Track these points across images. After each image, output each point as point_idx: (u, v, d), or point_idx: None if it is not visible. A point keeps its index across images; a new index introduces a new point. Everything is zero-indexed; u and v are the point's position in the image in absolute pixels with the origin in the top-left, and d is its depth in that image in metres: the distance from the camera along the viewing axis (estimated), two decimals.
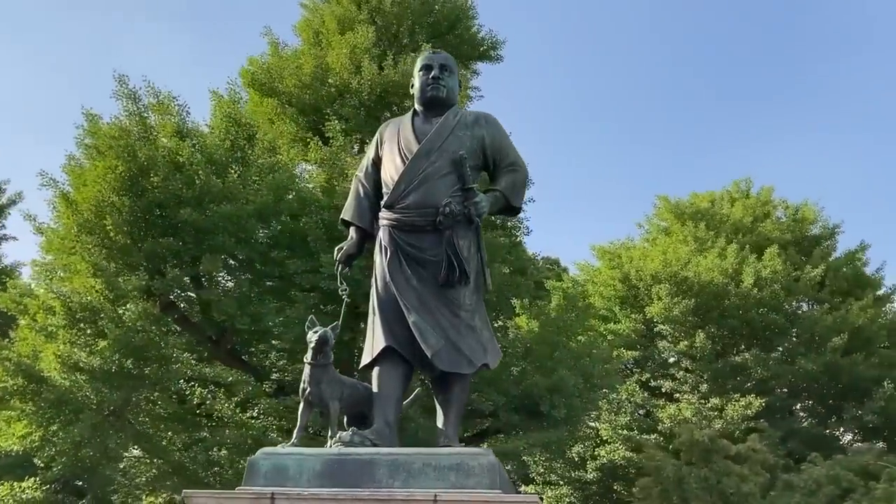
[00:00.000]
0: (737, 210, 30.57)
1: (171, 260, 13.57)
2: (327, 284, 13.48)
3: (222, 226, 13.29)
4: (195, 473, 13.56)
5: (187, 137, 14.23)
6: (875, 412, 23.19)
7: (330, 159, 14.60)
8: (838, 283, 28.22)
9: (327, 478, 6.30)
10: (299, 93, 17.30)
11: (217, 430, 13.46)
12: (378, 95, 17.23)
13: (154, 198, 13.52)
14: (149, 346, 12.55)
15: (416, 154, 7.45)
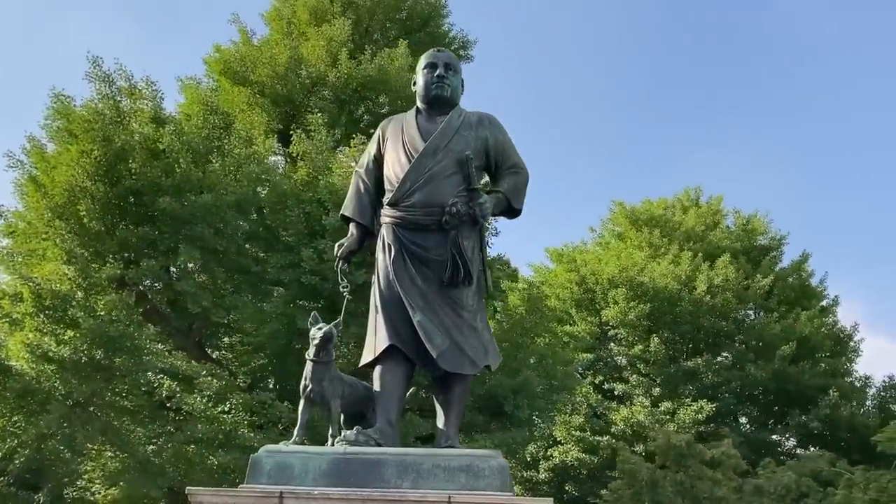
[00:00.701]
0: (689, 218, 31.19)
1: (145, 249, 13.19)
2: (308, 279, 13.30)
3: (200, 216, 12.98)
4: (161, 468, 13.22)
5: (165, 124, 13.86)
6: (820, 419, 23.94)
7: (311, 153, 14.38)
8: (785, 293, 29.04)
9: (334, 477, 6.22)
10: (272, 83, 17.04)
11: (186, 424, 13.16)
12: (353, 89, 17.07)
13: (130, 185, 13.12)
14: (123, 338, 12.18)
15: (423, 152, 7.41)
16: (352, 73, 16.84)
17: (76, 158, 13.21)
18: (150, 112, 14.09)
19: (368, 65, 16.99)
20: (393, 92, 17.12)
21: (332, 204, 13.50)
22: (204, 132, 14.08)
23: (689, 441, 16.44)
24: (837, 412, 23.86)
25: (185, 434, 12.96)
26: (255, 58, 17.39)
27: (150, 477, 12.98)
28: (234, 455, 12.74)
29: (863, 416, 24.73)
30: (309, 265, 13.14)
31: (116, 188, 13.17)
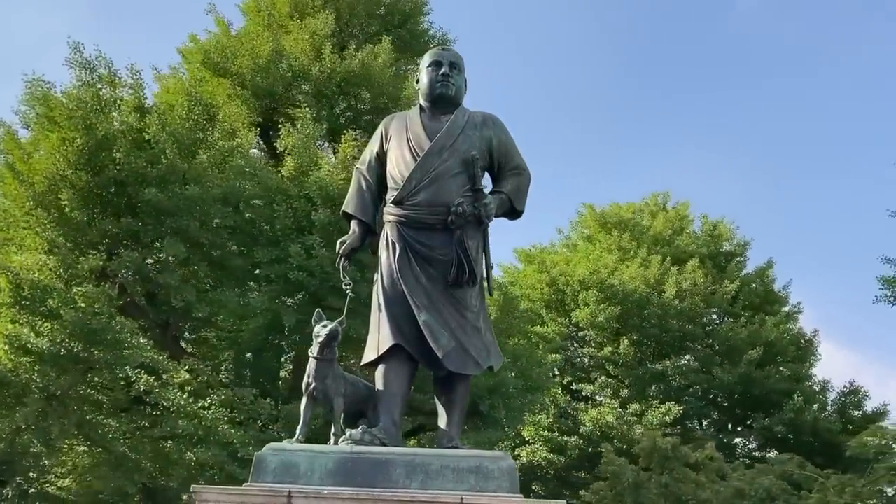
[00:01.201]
0: (658, 222, 31.53)
1: (125, 241, 12.89)
2: (296, 275, 13.12)
3: (186, 208, 12.73)
4: (137, 464, 12.93)
5: (148, 114, 13.55)
6: (784, 423, 24.39)
7: (299, 147, 14.20)
8: (750, 299, 29.50)
9: (341, 476, 6.15)
10: (252, 75, 16.79)
11: (165, 420, 12.89)
12: (336, 85, 16.91)
13: (114, 174, 12.80)
14: (105, 330, 11.88)
15: (428, 151, 7.36)
16: (335, 67, 16.67)
17: (57, 146, 12.86)
18: (134, 101, 13.78)
19: (352, 60, 16.85)
20: (375, 88, 17.01)
21: (321, 199, 13.37)
22: (188, 123, 13.81)
23: (674, 444, 16.64)
24: (802, 416, 24.33)
25: (165, 429, 12.70)
26: (235, 49, 17.13)
27: (126, 473, 12.70)
28: (214, 451, 12.54)
29: (825, 421, 25.25)
30: (296, 261, 12.98)
31: (99, 177, 12.85)
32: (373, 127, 17.44)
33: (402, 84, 17.48)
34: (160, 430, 12.81)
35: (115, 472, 13.04)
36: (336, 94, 16.99)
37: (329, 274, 12.87)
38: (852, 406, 27.69)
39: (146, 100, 14.20)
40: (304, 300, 13.51)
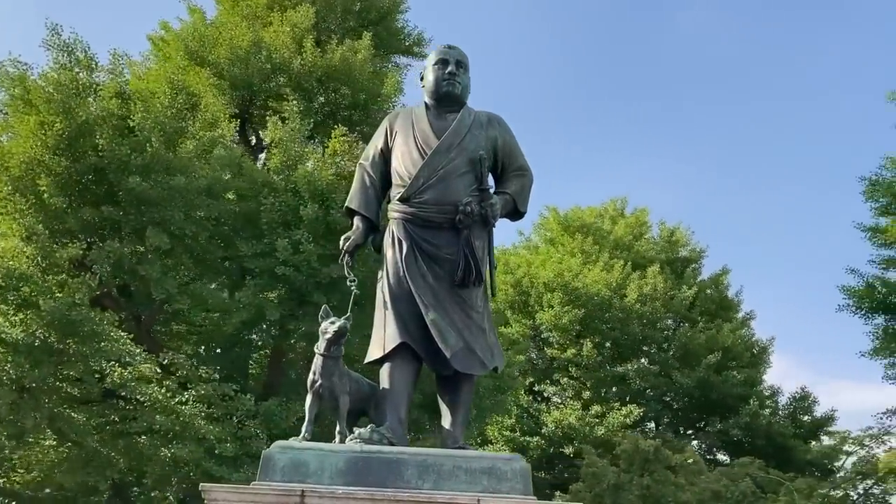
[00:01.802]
0: (619, 227, 31.94)
1: (106, 230, 12.51)
2: (282, 270, 12.88)
3: (170, 199, 12.41)
4: (109, 460, 12.55)
5: (130, 100, 13.17)
6: (740, 427, 24.91)
7: (286, 140, 13.97)
8: (706, 305, 30.07)
9: (351, 476, 6.08)
10: (230, 65, 16.48)
11: (140, 414, 12.53)
12: (317, 79, 16.70)
13: (95, 162, 12.41)
14: (84, 322, 11.51)
15: (436, 150, 7.33)
16: (316, 61, 16.47)
17: (34, 130, 12.41)
18: (115, 87, 13.39)
19: (333, 55, 16.67)
20: (355, 84, 16.84)
21: (309, 194, 13.19)
22: (171, 111, 13.46)
23: (657, 446, 16.86)
24: (757, 420, 24.88)
25: (142, 424, 12.37)
26: (213, 38, 16.79)
27: (97, 468, 12.33)
28: (191, 448, 12.26)
29: (778, 425, 25.86)
30: (283, 255, 12.78)
31: (79, 164, 12.45)
32: (351, 123, 17.42)
33: (381, 81, 17.37)
34: (137, 425, 12.47)
35: (86, 468, 12.67)
36: (316, 89, 16.79)
37: (316, 270, 12.72)
38: (802, 411, 28.41)
39: (127, 86, 13.80)
40: (288, 295, 13.31)
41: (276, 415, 13.09)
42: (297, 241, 12.86)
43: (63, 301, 11.33)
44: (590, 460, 16.53)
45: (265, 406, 13.14)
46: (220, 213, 13.20)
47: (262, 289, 13.09)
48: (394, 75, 18.08)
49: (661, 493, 14.88)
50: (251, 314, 13.04)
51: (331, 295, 12.97)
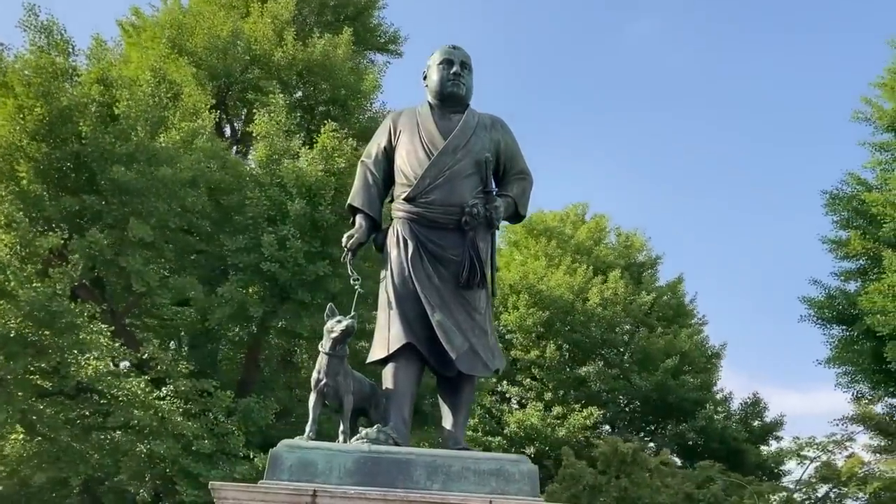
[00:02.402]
0: (581, 232, 32.31)
1: (87, 220, 12.16)
2: (268, 266, 12.71)
3: (155, 190, 12.12)
4: (82, 455, 12.20)
5: (112, 87, 12.83)
6: (696, 430, 25.41)
7: (274, 134, 13.77)
8: (664, 310, 30.59)
9: (360, 476, 6.08)
10: (207, 54, 16.18)
11: (116, 409, 12.19)
12: (297, 72, 16.51)
13: (77, 149, 12.05)
14: (64, 314, 11.18)
15: (443, 150, 7.35)
16: (297, 54, 16.29)
17: (13, 114, 12.01)
18: (97, 72, 13.03)
19: (314, 49, 16.50)
20: (336, 79, 16.68)
21: (297, 190, 13.03)
22: (153, 100, 13.15)
23: (635, 449, 17.10)
24: (712, 424, 25.39)
25: (119, 419, 12.07)
26: (191, 26, 16.45)
27: (69, 464, 11.99)
28: (169, 444, 12.02)
29: (731, 429, 26.43)
30: (268, 251, 12.61)
31: (60, 151, 12.09)
32: (328, 118, 17.26)
33: (360, 78, 17.27)
34: (114, 420, 12.17)
35: (57, 463, 12.31)
36: (295, 82, 16.61)
37: (301, 267, 12.59)
38: (753, 416, 29.10)
39: (111, 71, 13.44)
40: (269, 292, 13.14)
41: (254, 412, 12.93)
42: (284, 237, 12.71)
43: (42, 292, 11.00)
44: (568, 461, 16.72)
45: (244, 403, 12.97)
46: (204, 205, 12.95)
47: (245, 284, 12.91)
48: (373, 72, 17.99)
49: (638, 496, 15.14)
50: (233, 310, 12.85)
51: (315, 293, 12.87)
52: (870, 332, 16.73)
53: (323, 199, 13.12)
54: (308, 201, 12.95)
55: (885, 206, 16.67)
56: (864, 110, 19.25)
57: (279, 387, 14.10)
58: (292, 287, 12.94)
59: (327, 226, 13.16)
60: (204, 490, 11.99)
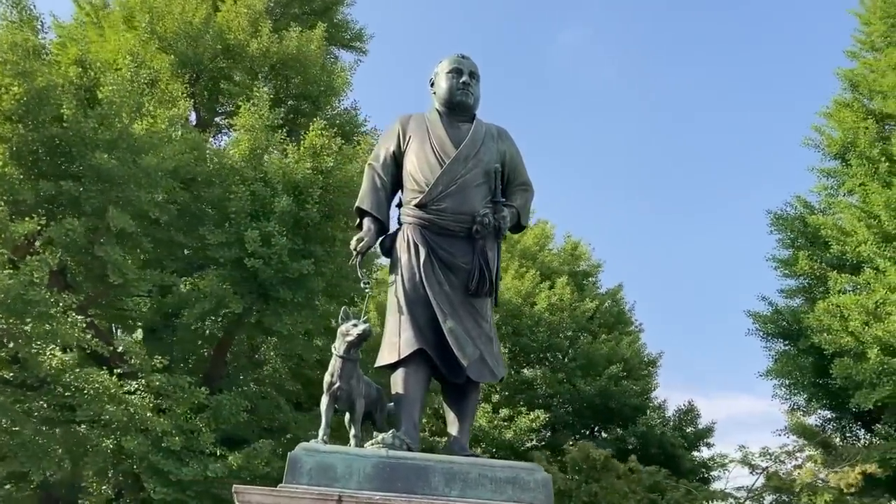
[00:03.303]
0: (527, 237, 32.72)
1: (66, 207, 11.70)
2: (251, 262, 12.47)
3: (135, 178, 11.73)
4: (44, 449, 11.71)
5: (90, 69, 12.36)
6: (636, 436, 26.05)
7: (258, 128, 13.51)
8: (605, 318, 31.24)
9: (379, 481, 6.16)
10: (176, 40, 15.74)
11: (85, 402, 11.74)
12: (271, 65, 16.24)
13: (58, 133, 11.57)
14: (41, 303, 10.72)
15: (455, 158, 7.49)
16: (271, 47, 16.03)
17: None
18: (76, 53, 12.54)
19: (290, 42, 16.27)
20: (309, 75, 16.47)
21: (283, 186, 12.83)
22: (133, 86, 12.72)
23: (606, 455, 17.40)
24: (652, 430, 26.07)
25: (87, 413, 11.65)
26: (161, 10, 15.98)
27: (32, 458, 11.48)
28: (140, 440, 11.69)
29: (669, 435, 27.18)
30: (252, 247, 12.38)
31: (38, 133, 11.57)
32: (297, 112, 17.10)
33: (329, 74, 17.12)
34: (83, 413, 11.75)
35: (18, 457, 11.77)
36: (268, 75, 16.35)
37: (285, 264, 12.43)
38: (687, 423, 29.99)
39: (89, 53, 12.96)
40: (249, 287, 12.92)
41: (225, 409, 12.71)
42: (270, 234, 12.53)
43: (18, 280, 10.53)
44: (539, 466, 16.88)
45: (216, 399, 12.73)
46: (186, 197, 12.65)
47: (225, 279, 12.67)
48: (344, 70, 17.86)
49: (609, 501, 15.46)
50: (212, 305, 12.60)
51: (296, 291, 12.74)
52: (813, 348, 17.54)
53: (310, 197, 12.99)
54: (294, 198, 12.81)
55: (832, 230, 17.51)
56: (813, 137, 20.21)
57: (245, 383, 13.90)
58: (273, 284, 12.78)
59: (312, 224, 13.05)
60: (174, 487, 11.80)
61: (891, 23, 21.72)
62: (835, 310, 16.34)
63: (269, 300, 13.02)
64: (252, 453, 12.27)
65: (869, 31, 22.54)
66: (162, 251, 13.00)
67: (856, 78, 20.87)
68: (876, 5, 22.29)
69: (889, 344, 14.91)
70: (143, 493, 12.58)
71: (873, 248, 16.06)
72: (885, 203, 15.79)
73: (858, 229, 16.65)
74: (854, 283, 16.76)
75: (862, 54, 22.74)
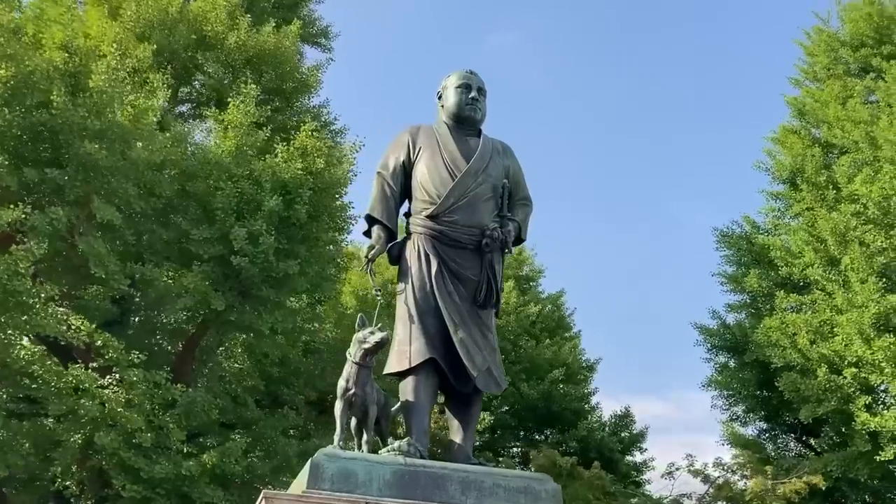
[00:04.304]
0: None
1: (48, 196, 11.28)
2: (238, 260, 12.45)
3: (123, 170, 11.40)
4: (8, 443, 11.23)
5: (76, 55, 11.94)
6: (576, 440, 26.68)
7: (247, 125, 13.30)
8: (547, 322, 31.84)
9: (399, 488, 6.35)
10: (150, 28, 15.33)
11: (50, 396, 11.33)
12: (246, 59, 15.97)
13: (46, 119, 11.14)
14: (24, 293, 10.33)
15: (466, 172, 7.74)
16: (248, 41, 15.78)
17: None
18: (63, 37, 12.07)
19: (269, 38, 16.06)
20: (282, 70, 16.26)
21: (272, 185, 12.67)
22: (119, 74, 12.33)
23: (572, 463, 17.74)
24: (592, 434, 26.75)
25: (60, 408, 11.27)
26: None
27: None
28: (112, 436, 11.41)
29: (607, 439, 27.91)
30: (239, 245, 12.20)
31: (23, 119, 11.12)
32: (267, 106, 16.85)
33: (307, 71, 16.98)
34: (55, 408, 11.36)
35: None
36: (243, 68, 16.07)
37: (270, 264, 12.33)
38: (622, 428, 30.84)
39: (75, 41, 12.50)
40: (230, 284, 12.74)
41: (197, 406, 12.50)
42: (258, 233, 12.39)
43: (2, 269, 10.12)
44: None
45: (190, 396, 12.50)
46: (172, 191, 12.38)
47: (207, 276, 12.46)
48: (316, 68, 17.72)
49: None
50: (195, 301, 12.40)
51: (280, 290, 12.68)
52: (757, 362, 18.35)
53: (300, 198, 12.91)
54: (283, 198, 12.71)
55: (780, 251, 18.36)
56: (764, 161, 21.12)
57: (212, 379, 13.74)
58: (256, 283, 12.67)
59: (298, 224, 13.00)
60: (144, 485, 11.60)
61: (834, 56, 22.84)
62: (783, 327, 17.13)
63: (248, 298, 12.92)
64: (226, 452, 12.17)
65: (812, 62, 23.63)
66: (142, 245, 12.70)
67: (803, 106, 21.84)
68: (821, 38, 23.39)
69: (834, 362, 15.77)
70: (106, 489, 12.31)
71: (819, 270, 16.93)
72: (832, 229, 16.65)
73: (806, 252, 17.52)
74: (800, 302, 17.62)
75: (805, 83, 23.83)
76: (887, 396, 15.60)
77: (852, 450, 15.73)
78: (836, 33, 22.69)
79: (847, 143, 18.80)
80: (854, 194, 17.14)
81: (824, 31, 23.11)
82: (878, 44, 21.24)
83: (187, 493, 11.92)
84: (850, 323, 15.12)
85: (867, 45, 21.48)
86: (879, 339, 14.72)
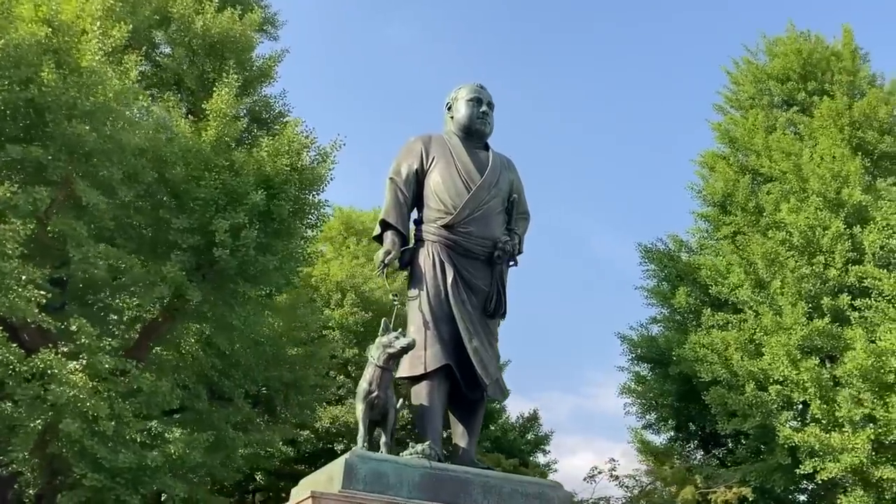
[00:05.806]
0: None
1: (31, 174, 10.58)
2: (220, 252, 12.16)
3: (108, 152, 10.84)
4: None
5: (59, 32, 11.23)
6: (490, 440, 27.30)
7: (230, 116, 12.91)
8: None
9: (426, 491, 6.63)
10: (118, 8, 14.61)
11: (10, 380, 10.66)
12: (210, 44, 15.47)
13: (34, 95, 10.44)
14: (8, 275, 9.64)
15: (481, 185, 8.11)
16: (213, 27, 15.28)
17: None
18: (45, 12, 11.34)
19: (234, 24, 15.62)
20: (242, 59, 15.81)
21: (257, 180, 12.36)
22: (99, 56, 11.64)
23: (515, 465, 18.01)
24: (506, 435, 27.46)
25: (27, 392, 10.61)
26: None
27: None
28: (80, 423, 10.87)
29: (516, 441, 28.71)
30: (220, 237, 11.85)
31: (8, 94, 10.38)
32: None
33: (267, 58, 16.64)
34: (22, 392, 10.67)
35: None
36: (206, 54, 15.58)
37: (251, 258, 12.06)
38: (530, 429, 31.79)
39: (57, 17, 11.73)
40: (206, 276, 12.38)
41: (159, 396, 12.07)
42: (241, 225, 12.10)
43: None
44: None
45: (155, 385, 12.04)
46: (154, 178, 11.91)
47: (183, 266, 12.06)
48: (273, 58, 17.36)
49: None
50: (171, 291, 11.98)
51: (255, 285, 12.45)
52: (680, 375, 19.26)
53: (285, 194, 12.70)
54: (267, 192, 12.47)
55: (710, 270, 19.33)
56: (696, 183, 22.16)
57: (165, 368, 13.33)
58: (231, 276, 12.39)
59: (280, 219, 12.81)
60: (105, 473, 11.19)
61: (760, 87, 24.13)
62: (711, 343, 18.06)
63: (223, 292, 12.64)
64: (192, 444, 11.89)
65: (737, 90, 24.89)
66: (119, 230, 12.17)
67: (730, 133, 22.97)
68: (749, 68, 24.66)
69: (760, 379, 16.76)
70: (60, 477, 11.79)
71: (748, 291, 17.95)
72: (763, 253, 17.65)
73: (735, 273, 18.51)
74: (726, 319, 18.60)
75: (728, 109, 25.08)
76: (807, 413, 16.66)
77: (771, 461, 16.74)
78: (764, 66, 23.92)
79: (774, 172, 19.93)
80: (780, 222, 18.23)
81: (752, 63, 24.36)
82: (803, 79, 22.58)
83: (149, 482, 11.58)
84: (778, 344, 16.12)
85: (793, 80, 22.80)
86: (805, 360, 15.76)
